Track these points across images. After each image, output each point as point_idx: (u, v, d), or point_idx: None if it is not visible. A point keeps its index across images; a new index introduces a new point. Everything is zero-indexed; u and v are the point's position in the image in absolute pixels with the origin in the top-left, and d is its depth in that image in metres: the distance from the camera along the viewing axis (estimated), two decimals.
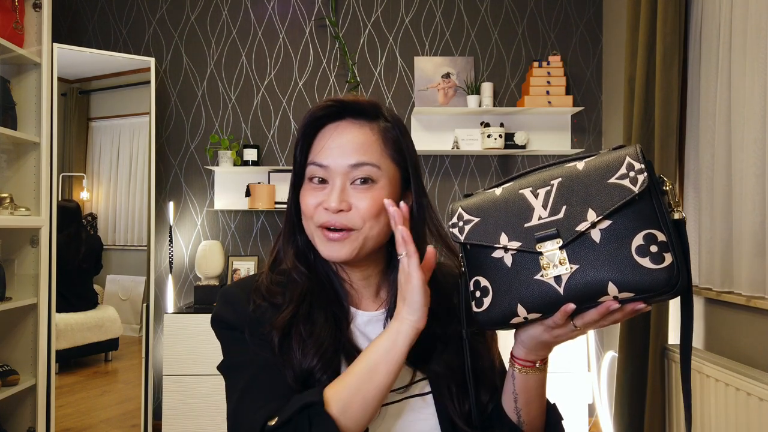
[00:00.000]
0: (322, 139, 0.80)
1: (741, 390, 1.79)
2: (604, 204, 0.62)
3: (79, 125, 3.10)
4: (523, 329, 0.71)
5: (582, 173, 0.65)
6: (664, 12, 2.22)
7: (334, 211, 0.77)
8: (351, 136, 0.79)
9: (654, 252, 0.60)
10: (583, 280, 0.62)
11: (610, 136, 3.19)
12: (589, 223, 0.62)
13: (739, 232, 1.98)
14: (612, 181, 0.63)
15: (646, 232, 0.61)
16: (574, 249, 0.63)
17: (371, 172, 0.78)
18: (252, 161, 3.12)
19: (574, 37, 3.28)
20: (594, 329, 0.67)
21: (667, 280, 0.59)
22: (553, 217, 0.65)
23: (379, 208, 0.78)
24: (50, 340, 2.54)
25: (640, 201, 0.62)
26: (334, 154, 0.78)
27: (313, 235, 0.81)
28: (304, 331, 0.77)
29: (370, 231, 0.78)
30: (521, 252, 0.66)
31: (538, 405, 0.79)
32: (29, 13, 2.49)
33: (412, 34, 3.26)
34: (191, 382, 2.78)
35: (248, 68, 3.26)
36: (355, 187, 0.78)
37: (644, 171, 0.62)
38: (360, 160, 0.78)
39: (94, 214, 3.10)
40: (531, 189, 0.68)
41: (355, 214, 0.77)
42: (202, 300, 2.98)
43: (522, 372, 0.75)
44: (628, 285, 0.60)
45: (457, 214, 0.73)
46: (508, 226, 0.67)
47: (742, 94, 1.98)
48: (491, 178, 3.27)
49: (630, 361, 2.36)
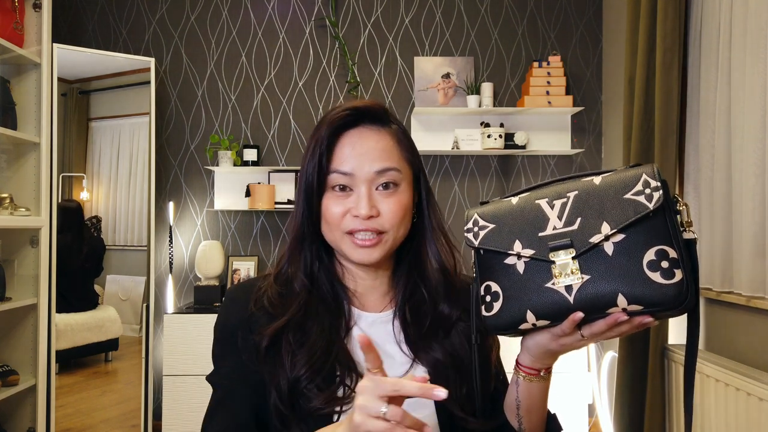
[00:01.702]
0: (343, 147, 0.80)
1: (741, 390, 1.78)
2: (619, 218, 0.64)
3: (79, 125, 3.10)
4: (530, 336, 0.72)
5: (598, 188, 0.67)
6: (664, 12, 2.22)
7: (365, 218, 0.78)
8: (373, 143, 0.80)
9: (665, 267, 0.61)
10: (593, 291, 0.63)
11: (610, 136, 3.19)
12: (603, 236, 0.64)
13: (739, 232, 1.98)
14: (628, 197, 0.64)
15: (658, 248, 0.62)
16: (587, 260, 0.64)
17: (394, 176, 0.80)
18: (252, 161, 3.12)
19: (574, 37, 3.28)
20: (600, 340, 0.68)
21: (676, 295, 0.61)
22: (568, 228, 0.66)
23: (404, 210, 0.81)
24: (50, 340, 2.54)
25: (654, 218, 0.63)
26: (359, 162, 0.79)
27: (339, 242, 0.81)
28: (293, 341, 0.78)
29: (396, 233, 0.81)
30: (534, 260, 0.67)
31: (539, 413, 0.80)
32: (29, 13, 2.49)
33: (412, 34, 3.26)
34: (191, 382, 2.78)
35: (248, 68, 3.26)
36: (380, 192, 0.80)
37: (660, 189, 0.63)
38: (384, 166, 0.80)
39: (99, 217, 3.10)
40: (547, 200, 0.69)
41: (384, 219, 0.79)
42: (202, 300, 2.98)
43: (526, 380, 0.76)
44: (638, 298, 0.61)
45: (473, 219, 0.74)
46: (523, 234, 0.69)
47: (742, 94, 1.97)
48: (491, 179, 3.27)
49: (630, 361, 2.36)
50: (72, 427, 2.80)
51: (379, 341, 0.83)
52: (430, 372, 0.81)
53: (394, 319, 0.85)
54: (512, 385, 0.79)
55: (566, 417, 1.33)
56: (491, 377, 0.85)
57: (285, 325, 0.79)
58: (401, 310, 0.85)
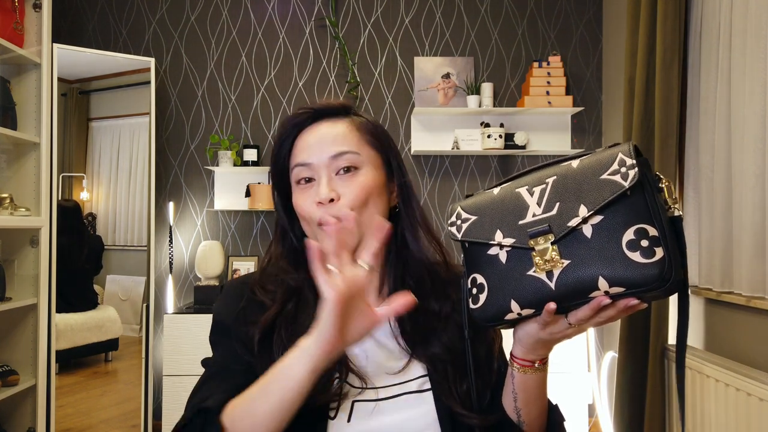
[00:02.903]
0: (300, 141, 0.83)
1: (741, 390, 1.78)
2: (595, 199, 0.62)
3: (79, 125, 3.10)
4: (521, 327, 0.71)
5: (576, 171, 0.66)
6: (664, 12, 2.22)
7: (326, 202, 0.78)
8: (326, 131, 0.82)
9: (645, 246, 0.59)
10: (574, 276, 0.62)
11: (610, 136, 3.19)
12: (581, 219, 0.62)
13: (739, 232, 1.98)
14: (603, 177, 0.63)
15: (637, 227, 0.60)
16: (566, 245, 0.63)
17: (353, 159, 0.80)
18: (252, 161, 3.12)
19: (574, 37, 3.28)
20: (591, 327, 0.67)
21: (658, 274, 0.59)
22: (547, 214, 0.65)
23: (366, 192, 0.80)
24: (50, 340, 2.54)
25: (632, 196, 0.62)
26: (314, 151, 0.81)
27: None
28: (285, 336, 0.78)
29: (363, 216, 0.79)
30: (515, 248, 0.66)
31: (538, 405, 0.78)
32: (29, 13, 2.49)
33: (412, 34, 3.26)
34: (191, 383, 2.75)
35: (248, 68, 3.26)
36: (340, 177, 0.80)
37: (635, 167, 0.61)
38: (339, 150, 0.80)
39: (94, 214, 3.10)
40: (527, 187, 0.68)
41: (345, 201, 0.79)
42: (202, 300, 2.98)
43: (521, 372, 0.75)
44: (619, 280, 0.60)
45: (456, 213, 0.74)
46: (504, 224, 0.68)
47: (742, 94, 1.97)
48: (491, 179, 3.27)
49: (630, 361, 2.36)
50: (72, 427, 2.80)
51: (377, 334, 0.84)
52: (429, 367, 0.81)
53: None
54: (508, 378, 0.78)
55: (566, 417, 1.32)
56: (493, 371, 0.84)
57: (276, 317, 0.80)
58: None
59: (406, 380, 0.80)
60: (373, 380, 0.80)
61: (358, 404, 0.78)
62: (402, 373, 0.81)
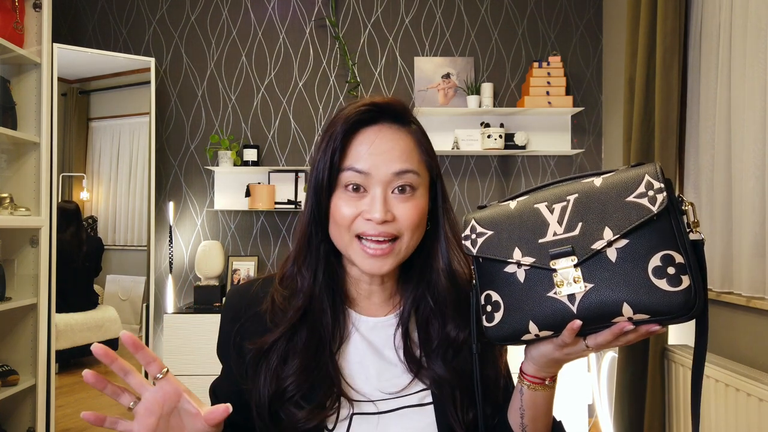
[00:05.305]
0: (359, 144, 0.75)
1: (741, 391, 1.78)
2: (622, 223, 0.60)
3: (79, 125, 3.10)
4: (534, 346, 0.70)
5: (599, 190, 0.64)
6: (664, 12, 2.22)
7: (379, 222, 0.73)
8: (393, 143, 0.75)
9: (671, 274, 0.58)
10: (597, 300, 0.60)
11: (610, 137, 3.19)
12: (606, 242, 0.61)
13: (739, 232, 1.98)
14: (630, 200, 0.61)
15: (663, 253, 0.59)
16: (590, 267, 0.61)
17: (413, 179, 0.75)
18: (252, 161, 3.12)
19: (574, 37, 3.28)
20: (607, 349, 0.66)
21: (683, 303, 0.58)
22: (569, 234, 0.63)
23: (421, 217, 0.76)
24: (50, 340, 2.54)
25: (658, 221, 0.60)
26: (377, 161, 0.74)
27: (347, 246, 0.76)
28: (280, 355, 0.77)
29: (410, 241, 0.76)
30: (535, 268, 0.65)
31: (544, 422, 0.77)
32: (29, 13, 2.49)
33: (412, 34, 3.26)
34: (191, 382, 2.77)
35: (248, 68, 3.26)
36: (396, 196, 0.75)
37: (663, 190, 0.60)
38: (404, 168, 0.75)
39: (95, 217, 3.10)
40: (546, 204, 0.66)
41: (399, 224, 0.74)
42: (202, 300, 2.98)
43: (531, 389, 0.73)
44: (644, 307, 0.59)
45: (470, 226, 0.71)
46: (522, 241, 0.66)
47: (742, 94, 1.97)
48: (491, 179, 3.27)
49: (630, 361, 2.36)
50: (72, 427, 2.80)
51: (379, 345, 0.82)
52: (434, 390, 0.79)
53: (397, 326, 0.82)
54: (516, 394, 0.76)
55: (566, 417, 1.33)
56: (500, 389, 0.82)
57: (276, 340, 0.78)
58: (404, 320, 0.81)
59: (407, 394, 0.79)
60: (372, 394, 0.78)
61: (357, 417, 0.77)
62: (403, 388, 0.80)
